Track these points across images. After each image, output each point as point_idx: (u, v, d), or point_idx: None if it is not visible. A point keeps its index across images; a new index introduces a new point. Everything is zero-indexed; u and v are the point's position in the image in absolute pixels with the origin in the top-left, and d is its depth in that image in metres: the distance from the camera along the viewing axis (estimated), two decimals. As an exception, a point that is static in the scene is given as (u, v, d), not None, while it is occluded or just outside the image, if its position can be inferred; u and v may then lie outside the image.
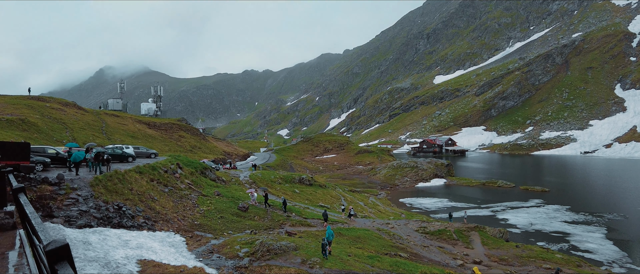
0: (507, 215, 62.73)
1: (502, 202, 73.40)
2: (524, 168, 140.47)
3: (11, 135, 43.80)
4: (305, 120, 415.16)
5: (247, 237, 21.39)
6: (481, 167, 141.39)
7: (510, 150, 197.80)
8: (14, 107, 56.93)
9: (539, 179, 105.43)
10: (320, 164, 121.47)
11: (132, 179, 24.89)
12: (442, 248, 36.70)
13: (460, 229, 41.48)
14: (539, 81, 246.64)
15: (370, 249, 28.90)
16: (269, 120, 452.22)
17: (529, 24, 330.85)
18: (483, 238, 40.62)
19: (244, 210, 30.71)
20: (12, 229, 5.55)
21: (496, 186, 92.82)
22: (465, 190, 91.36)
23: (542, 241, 46.58)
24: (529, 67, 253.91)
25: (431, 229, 40.40)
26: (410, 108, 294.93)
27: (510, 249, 38.62)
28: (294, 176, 59.69)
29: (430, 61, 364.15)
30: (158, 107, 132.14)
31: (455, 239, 39.19)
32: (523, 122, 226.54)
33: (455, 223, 44.52)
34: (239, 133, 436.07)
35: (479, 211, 66.35)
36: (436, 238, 38.61)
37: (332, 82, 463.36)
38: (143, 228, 20.46)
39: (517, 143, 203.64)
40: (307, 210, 39.86)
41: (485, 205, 71.38)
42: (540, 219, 58.25)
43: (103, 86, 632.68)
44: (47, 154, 28.26)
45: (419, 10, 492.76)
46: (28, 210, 3.30)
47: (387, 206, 65.55)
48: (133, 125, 71.87)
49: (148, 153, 37.94)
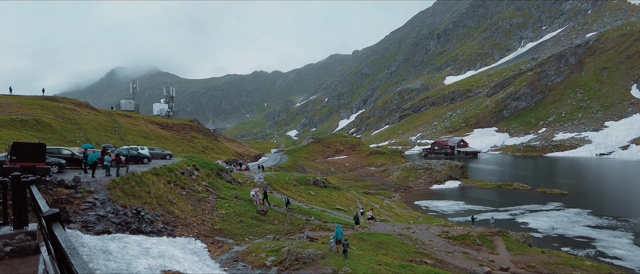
0: (526, 218, 61.01)
1: (520, 205, 71.62)
2: (538, 170, 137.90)
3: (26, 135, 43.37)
4: (314, 121, 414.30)
5: (270, 243, 20.34)
6: (494, 169, 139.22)
7: (523, 152, 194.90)
8: (28, 107, 56.70)
9: (555, 181, 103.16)
10: (331, 165, 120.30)
11: (149, 181, 24.00)
12: (467, 254, 35.36)
13: (484, 234, 40.05)
14: (551, 81, 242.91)
15: (394, 256, 27.72)
16: (278, 120, 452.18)
17: (541, 23, 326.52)
18: (507, 243, 39.16)
19: (263, 213, 29.71)
20: (34, 253, 4.56)
21: (512, 188, 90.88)
22: (481, 192, 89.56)
23: (567, 247, 44.94)
24: (541, 68, 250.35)
25: (454, 233, 39.05)
26: (421, 109, 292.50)
27: (536, 255, 37.14)
28: (308, 178, 58.62)
29: (441, 61, 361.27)
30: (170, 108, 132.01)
31: (479, 244, 37.79)
32: (536, 123, 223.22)
33: (477, 227, 43.09)
34: (248, 133, 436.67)
35: (497, 215, 64.62)
36: (459, 243, 37.26)
37: (341, 82, 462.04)
38: (162, 234, 19.51)
39: (530, 144, 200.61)
40: (325, 213, 38.75)
41: (503, 208, 69.66)
42: (562, 223, 56.47)
43: (115, 86, 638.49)
44: (62, 155, 27.53)
45: (429, 10, 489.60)
46: (70, 256, 2.31)
47: (403, 208, 64.20)
48: (145, 126, 71.40)
49: (163, 154, 37.14)
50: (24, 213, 4.61)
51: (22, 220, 4.59)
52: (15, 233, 4.57)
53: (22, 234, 4.60)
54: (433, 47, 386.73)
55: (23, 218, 4.59)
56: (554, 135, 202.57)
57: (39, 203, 3.50)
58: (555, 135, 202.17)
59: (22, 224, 4.60)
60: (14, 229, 4.64)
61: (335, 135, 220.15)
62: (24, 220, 4.60)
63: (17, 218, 4.57)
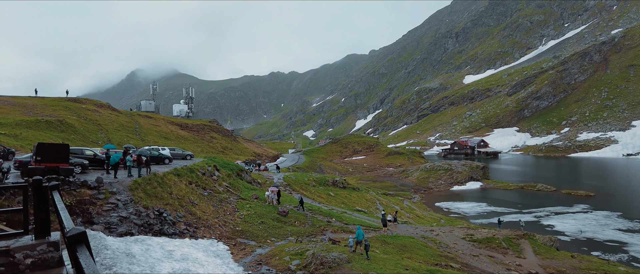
0: (552, 220, 59.15)
1: (544, 207, 69.58)
2: (562, 170, 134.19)
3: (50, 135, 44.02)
4: (331, 121, 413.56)
5: (293, 246, 19.86)
6: (516, 169, 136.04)
7: (545, 152, 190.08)
8: (52, 109, 57.71)
9: (580, 182, 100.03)
10: (349, 166, 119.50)
11: (171, 182, 23.82)
12: (493, 258, 34.26)
13: (509, 237, 38.82)
14: (575, 80, 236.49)
15: (419, 259, 26.94)
16: (295, 121, 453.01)
17: (563, 21, 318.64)
18: (534, 246, 37.88)
19: (284, 215, 29.28)
20: (57, 265, 4.13)
21: (535, 189, 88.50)
22: (503, 193, 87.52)
23: (597, 251, 43.22)
24: (564, 66, 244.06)
25: (478, 236, 37.95)
26: (440, 108, 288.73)
27: (565, 259, 35.78)
28: (327, 179, 58.09)
29: (460, 60, 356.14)
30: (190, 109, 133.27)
31: (505, 247, 36.62)
32: (558, 122, 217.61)
33: (502, 230, 41.83)
34: (266, 134, 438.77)
35: (521, 217, 62.77)
36: (485, 247, 36.15)
37: (358, 82, 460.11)
38: (185, 235, 19.23)
39: (553, 144, 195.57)
40: (346, 215, 38.14)
41: (527, 210, 67.82)
42: (590, 226, 54.49)
43: (135, 88, 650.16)
44: (85, 156, 27.65)
45: (447, 9, 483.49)
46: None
47: (424, 210, 63.06)
48: (165, 126, 72.01)
49: (184, 155, 37.13)
50: (46, 221, 4.17)
51: (44, 229, 4.15)
52: (37, 244, 4.15)
53: (44, 244, 4.16)
54: (451, 46, 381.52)
55: (45, 227, 4.15)
56: (577, 135, 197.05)
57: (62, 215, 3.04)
58: (579, 135, 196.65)
59: (44, 233, 4.16)
60: (36, 239, 4.21)
61: (353, 135, 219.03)
62: (46, 229, 4.15)
63: (38, 227, 4.14)
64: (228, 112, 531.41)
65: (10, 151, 31.57)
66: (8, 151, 31.31)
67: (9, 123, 46.06)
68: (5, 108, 54.66)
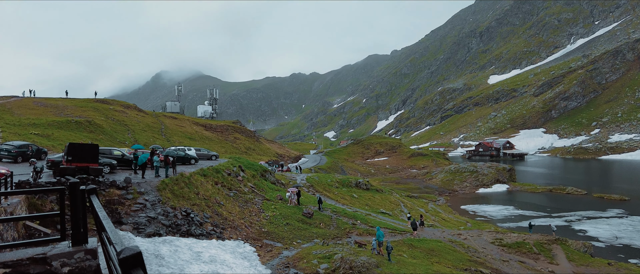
0: (584, 225, 56.98)
1: (575, 211, 67.17)
2: (592, 173, 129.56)
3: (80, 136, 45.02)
4: (352, 122, 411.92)
5: (321, 249, 19.50)
6: (543, 172, 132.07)
7: (574, 154, 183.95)
8: (82, 110, 59.14)
9: (613, 186, 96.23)
10: (371, 167, 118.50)
11: (197, 182, 23.85)
12: (523, 263, 33.11)
13: (541, 241, 37.48)
14: (606, 79, 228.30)
15: (447, 264, 26.20)
16: (316, 122, 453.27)
17: (593, 18, 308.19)
18: (567, 252, 36.43)
19: (309, 216, 28.99)
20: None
21: (565, 192, 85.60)
22: (531, 196, 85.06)
23: (635, 258, 41.28)
24: (594, 65, 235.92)
25: (508, 241, 36.77)
26: (464, 109, 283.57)
27: (601, 266, 34.26)
28: (350, 180, 57.57)
29: (484, 60, 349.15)
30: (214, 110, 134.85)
31: (536, 253, 35.35)
32: (588, 123, 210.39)
33: (533, 235, 40.44)
34: (287, 135, 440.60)
35: (551, 221, 60.76)
36: (515, 252, 34.99)
37: (380, 83, 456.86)
38: (212, 236, 19.15)
39: (582, 146, 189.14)
40: (370, 217, 37.57)
41: (557, 214, 65.60)
42: (626, 232, 52.19)
43: (160, 89, 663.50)
44: (113, 156, 28.05)
45: (471, 8, 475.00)
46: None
47: (449, 213, 61.77)
48: (190, 127, 72.91)
49: (209, 155, 37.33)
50: (83, 227, 3.92)
51: (81, 235, 3.91)
52: (74, 251, 3.91)
53: (81, 252, 3.93)
54: (475, 46, 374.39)
55: (82, 233, 3.91)
56: (608, 137, 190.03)
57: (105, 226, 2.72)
58: (610, 137, 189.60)
59: (82, 240, 3.91)
60: (73, 247, 3.98)
61: (375, 136, 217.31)
62: (84, 235, 3.91)
63: (75, 233, 3.89)
64: (250, 113, 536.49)
65: (43, 151, 32.37)
66: (41, 150, 32.12)
67: (41, 123, 47.41)
68: (39, 109, 56.36)
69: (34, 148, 31.53)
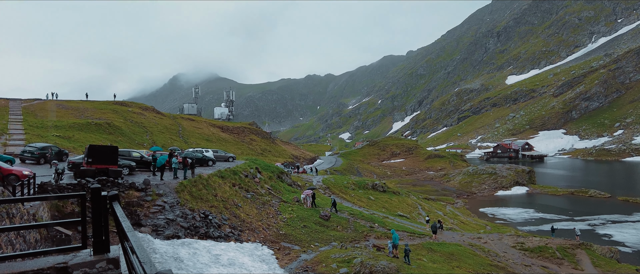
0: (609, 230, 55.27)
1: (599, 215, 65.23)
2: (615, 175, 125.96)
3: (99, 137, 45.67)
4: (367, 124, 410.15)
5: (339, 253, 19.22)
6: (564, 174, 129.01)
7: (596, 156, 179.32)
8: (101, 112, 60.08)
9: (638, 188, 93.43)
10: (387, 169, 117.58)
11: (215, 184, 23.83)
12: (546, 268, 32.20)
13: (564, 246, 36.44)
14: (629, 79, 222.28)
15: (468, 268, 25.62)
16: (331, 123, 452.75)
17: (616, 16, 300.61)
18: (592, 257, 35.30)
19: (326, 219, 28.72)
20: (117, 285, 3.70)
21: (587, 195, 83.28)
22: (551, 199, 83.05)
23: (664, 264, 39.73)
24: (617, 64, 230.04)
25: (530, 245, 35.85)
26: (481, 110, 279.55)
27: (629, 273, 33.12)
28: (366, 182, 57.09)
29: (502, 60, 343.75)
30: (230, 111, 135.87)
31: (560, 258, 34.34)
32: (610, 124, 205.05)
33: (555, 239, 39.36)
34: (301, 136, 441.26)
35: (573, 225, 59.12)
36: (537, 256, 34.06)
37: (395, 84, 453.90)
38: (230, 239, 19.05)
39: (604, 147, 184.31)
40: (388, 220, 37.11)
41: (579, 218, 63.80)
42: (654, 237, 50.43)
43: (177, 91, 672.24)
44: (132, 157, 28.28)
45: (488, 8, 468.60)
46: None
47: (468, 216, 60.72)
48: (207, 129, 73.46)
49: (226, 157, 37.43)
50: (105, 235, 3.76)
51: (103, 243, 3.75)
52: (96, 260, 3.75)
53: (103, 261, 3.77)
54: (493, 46, 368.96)
55: (104, 241, 3.74)
56: (633, 138, 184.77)
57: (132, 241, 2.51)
58: (635, 138, 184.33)
59: (104, 249, 3.75)
60: (94, 255, 3.82)
61: (391, 137, 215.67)
62: (105, 244, 3.74)
63: (97, 241, 3.73)
64: (265, 115, 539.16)
65: (64, 153, 32.89)
66: (62, 152, 32.64)
67: (63, 125, 48.32)
68: (60, 111, 57.51)
69: (54, 150, 32.05)
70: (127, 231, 2.71)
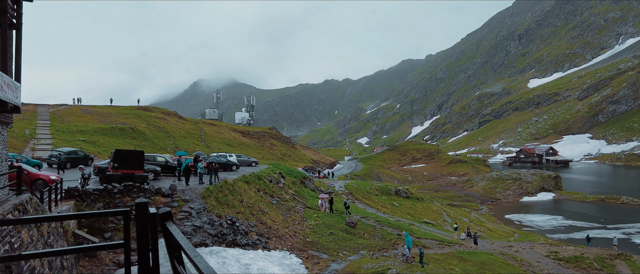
0: (646, 239, 52.76)
1: (634, 223, 62.46)
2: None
3: (123, 142, 45.97)
4: (385, 128, 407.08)
5: (370, 263, 18.42)
6: (591, 180, 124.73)
7: (625, 161, 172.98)
8: (125, 117, 60.74)
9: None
10: (408, 174, 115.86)
11: (241, 190, 23.37)
12: (584, 280, 30.66)
13: (601, 256, 34.71)
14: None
15: (502, 279, 24.46)
16: (349, 128, 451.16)
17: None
18: (633, 269, 33.50)
19: (353, 226, 27.93)
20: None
21: (619, 202, 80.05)
22: (580, 206, 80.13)
23: None
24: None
25: (564, 255, 34.26)
26: (503, 114, 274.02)
27: (673, 285, 31.26)
28: (389, 188, 56.04)
29: (523, 63, 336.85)
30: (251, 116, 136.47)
31: (598, 268, 32.67)
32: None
33: (591, 248, 37.59)
34: (319, 141, 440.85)
35: (606, 233, 56.82)
36: (573, 266, 32.48)
37: (414, 88, 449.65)
38: (258, 247, 18.48)
39: (634, 152, 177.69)
40: (414, 227, 36.05)
41: (612, 226, 61.21)
42: (694, 246, 47.83)
43: (198, 97, 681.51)
44: (157, 162, 28.10)
45: (508, 10, 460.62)
46: None
47: (494, 223, 58.94)
48: (229, 134, 73.58)
49: (249, 162, 37.07)
50: (154, 261, 3.09)
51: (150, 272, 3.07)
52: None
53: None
54: (514, 49, 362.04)
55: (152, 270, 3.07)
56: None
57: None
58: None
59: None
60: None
61: (411, 142, 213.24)
62: (155, 269, 3.08)
63: (142, 269, 3.07)
64: (283, 120, 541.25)
65: (90, 157, 33.01)
66: (87, 157, 32.75)
67: (88, 130, 48.91)
68: (86, 116, 58.38)
69: (80, 154, 32.19)
70: (200, 266, 2.01)
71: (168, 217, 2.88)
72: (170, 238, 2.73)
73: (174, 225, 2.86)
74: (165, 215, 2.90)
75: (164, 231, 2.81)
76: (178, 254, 2.78)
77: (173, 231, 2.69)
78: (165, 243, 2.91)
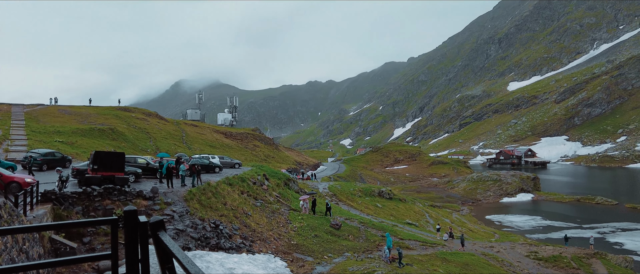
0: (620, 238, 54.32)
1: (608, 222, 64.24)
2: (620, 182, 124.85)
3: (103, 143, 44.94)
4: (368, 130, 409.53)
5: (356, 265, 18.42)
6: (568, 181, 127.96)
7: (599, 162, 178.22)
8: (105, 117, 59.43)
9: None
10: (390, 175, 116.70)
11: (224, 192, 23.09)
12: (562, 279, 31.36)
13: (579, 255, 35.58)
14: (632, 85, 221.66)
15: (484, 280, 24.79)
16: (332, 129, 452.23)
17: (617, 23, 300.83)
18: (608, 267, 34.45)
19: (337, 228, 27.92)
20: None
21: (594, 203, 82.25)
22: (557, 206, 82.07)
23: (680, 274, 38.79)
24: (619, 71, 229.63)
25: (543, 254, 34.99)
26: (483, 116, 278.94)
27: (646, 283, 32.25)
28: (373, 189, 56.29)
29: (503, 67, 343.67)
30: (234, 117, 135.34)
31: (575, 267, 33.46)
32: (613, 131, 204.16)
33: (569, 248, 38.49)
34: (303, 142, 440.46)
35: (582, 233, 58.29)
36: (552, 266, 33.18)
37: (397, 90, 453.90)
38: (242, 250, 18.26)
39: (608, 154, 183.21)
40: (397, 228, 36.27)
41: (588, 225, 62.81)
42: (666, 245, 49.46)
43: (180, 97, 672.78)
44: (138, 164, 27.53)
45: (489, 14, 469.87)
46: None
47: (475, 224, 59.81)
48: (211, 135, 72.75)
49: (232, 163, 36.70)
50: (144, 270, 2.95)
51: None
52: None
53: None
54: (494, 52, 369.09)
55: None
56: (636, 144, 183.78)
57: None
58: (638, 144, 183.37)
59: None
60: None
61: (394, 144, 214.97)
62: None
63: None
64: (267, 121, 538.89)
65: (67, 159, 32.11)
66: (65, 158, 31.85)
67: (66, 131, 47.62)
68: (63, 117, 56.86)
69: (58, 156, 31.30)
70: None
71: (160, 226, 2.74)
72: (164, 250, 2.60)
73: (167, 235, 2.74)
74: (157, 224, 2.76)
75: (157, 243, 2.68)
76: (171, 266, 2.66)
77: (168, 243, 2.55)
78: (157, 255, 2.78)
